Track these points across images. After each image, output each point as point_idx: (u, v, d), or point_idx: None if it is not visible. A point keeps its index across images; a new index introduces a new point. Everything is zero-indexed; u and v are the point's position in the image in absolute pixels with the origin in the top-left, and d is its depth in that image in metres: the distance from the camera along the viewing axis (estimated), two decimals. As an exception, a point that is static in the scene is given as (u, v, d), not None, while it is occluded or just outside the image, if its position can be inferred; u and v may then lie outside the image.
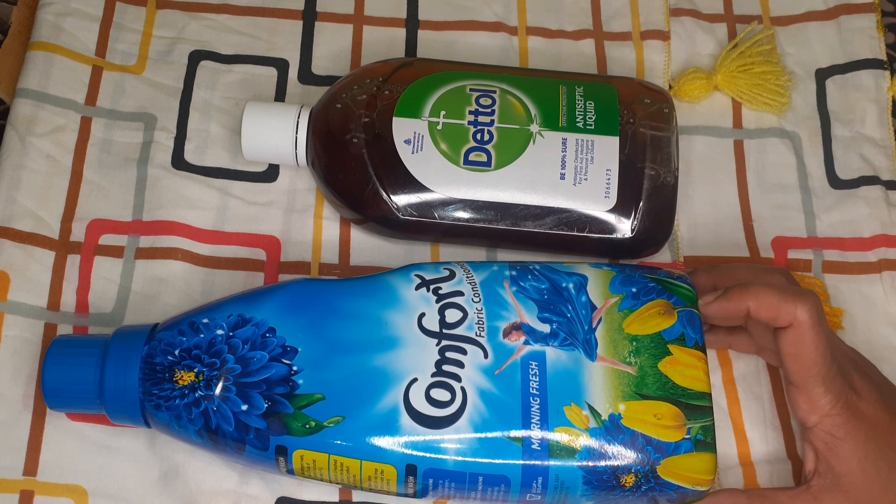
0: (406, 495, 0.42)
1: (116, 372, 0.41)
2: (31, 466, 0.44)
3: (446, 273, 0.43)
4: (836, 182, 0.53)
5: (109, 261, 0.49)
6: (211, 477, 0.45)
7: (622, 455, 0.39)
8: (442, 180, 0.46)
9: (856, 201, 0.52)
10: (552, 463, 0.39)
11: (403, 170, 0.46)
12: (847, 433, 0.41)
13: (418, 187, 0.46)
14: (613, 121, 0.47)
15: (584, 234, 0.46)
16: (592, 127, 0.47)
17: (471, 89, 0.48)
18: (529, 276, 0.43)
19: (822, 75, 0.55)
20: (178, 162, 0.51)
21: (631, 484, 0.40)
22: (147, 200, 0.50)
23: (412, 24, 0.56)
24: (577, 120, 0.47)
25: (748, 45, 0.54)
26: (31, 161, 0.50)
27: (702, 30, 0.56)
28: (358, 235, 0.50)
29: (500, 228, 0.47)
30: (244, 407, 0.40)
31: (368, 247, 0.50)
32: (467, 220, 0.47)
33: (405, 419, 0.40)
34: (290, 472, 0.41)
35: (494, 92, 0.48)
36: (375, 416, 0.40)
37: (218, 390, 0.40)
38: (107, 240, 0.49)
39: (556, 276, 0.43)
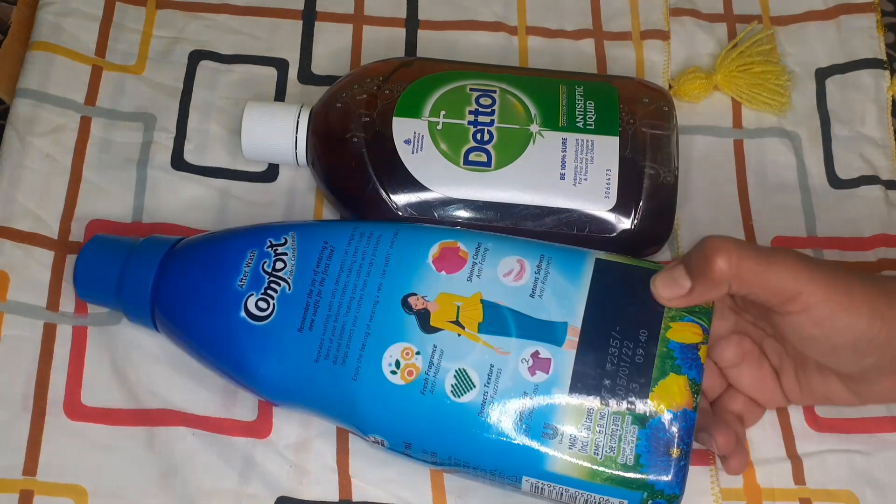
0: None
1: (141, 252, 0.45)
2: (30, 466, 0.44)
3: None
4: (836, 182, 0.53)
5: (109, 261, 0.49)
6: (210, 476, 0.44)
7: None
8: (442, 180, 0.46)
9: (856, 201, 0.52)
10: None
11: (403, 170, 0.46)
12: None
13: (418, 187, 0.46)
14: (613, 120, 0.47)
15: (585, 234, 0.46)
16: (592, 127, 0.47)
17: (471, 89, 0.48)
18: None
19: (822, 75, 0.55)
20: (178, 162, 0.51)
21: None
22: (147, 201, 0.50)
23: (412, 23, 0.56)
24: (577, 120, 0.47)
25: (748, 44, 0.54)
26: (30, 161, 0.50)
27: (702, 29, 0.56)
28: (358, 235, 0.50)
29: (500, 228, 0.47)
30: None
31: (368, 247, 0.50)
32: (467, 220, 0.46)
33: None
34: None
35: (494, 92, 0.48)
36: None
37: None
38: (106, 240, 0.49)
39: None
